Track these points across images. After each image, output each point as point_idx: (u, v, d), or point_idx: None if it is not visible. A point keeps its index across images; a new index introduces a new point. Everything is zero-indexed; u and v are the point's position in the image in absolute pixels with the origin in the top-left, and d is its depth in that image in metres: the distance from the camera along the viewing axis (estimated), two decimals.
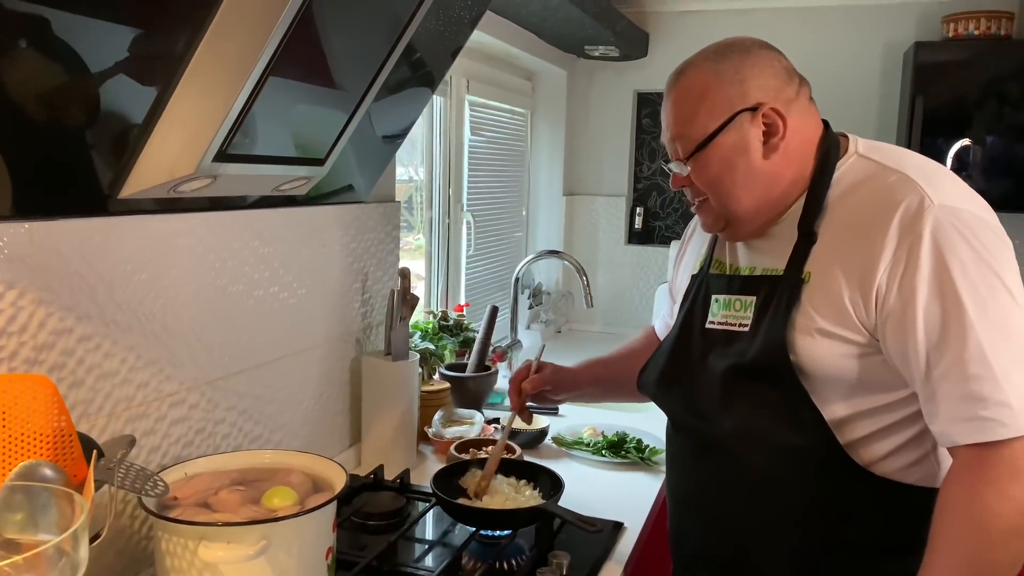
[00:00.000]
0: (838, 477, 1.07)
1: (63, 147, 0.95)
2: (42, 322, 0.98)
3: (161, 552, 1.02)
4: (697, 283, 1.25)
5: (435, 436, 1.79)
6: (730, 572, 1.18)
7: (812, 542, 1.10)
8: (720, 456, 1.15)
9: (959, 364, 0.95)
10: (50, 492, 0.78)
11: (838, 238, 1.06)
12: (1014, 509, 0.92)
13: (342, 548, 1.22)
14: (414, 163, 2.52)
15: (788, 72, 1.12)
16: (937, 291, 0.96)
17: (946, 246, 0.97)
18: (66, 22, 0.85)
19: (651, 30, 3.24)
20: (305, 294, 1.50)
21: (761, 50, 1.12)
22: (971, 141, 2.68)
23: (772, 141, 1.09)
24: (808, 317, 1.05)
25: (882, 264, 0.99)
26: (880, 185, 1.05)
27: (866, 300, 1.01)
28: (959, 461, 0.97)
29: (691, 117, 1.11)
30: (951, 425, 0.96)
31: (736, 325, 1.14)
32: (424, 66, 1.58)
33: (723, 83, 1.09)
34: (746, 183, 1.11)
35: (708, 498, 1.19)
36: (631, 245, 3.42)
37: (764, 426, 1.09)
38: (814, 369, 1.05)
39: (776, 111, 1.08)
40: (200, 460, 1.17)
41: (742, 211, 1.13)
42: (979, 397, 0.94)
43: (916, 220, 0.98)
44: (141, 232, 1.11)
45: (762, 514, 1.13)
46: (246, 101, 1.01)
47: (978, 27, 2.67)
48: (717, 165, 1.11)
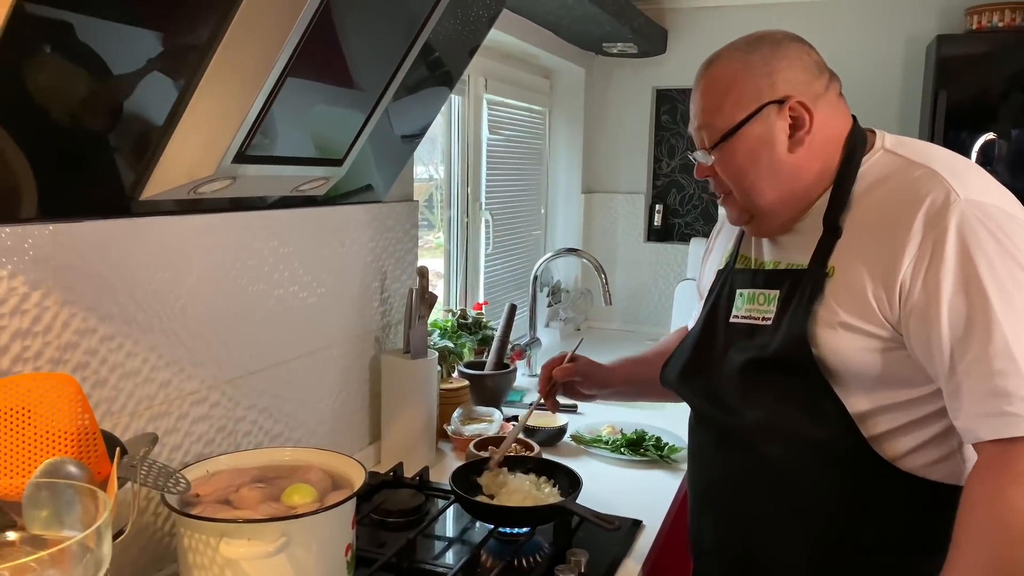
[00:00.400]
0: (861, 472, 1.06)
1: (86, 150, 0.96)
2: (66, 322, 0.99)
3: (183, 548, 1.03)
4: (722, 278, 1.26)
5: (454, 434, 1.80)
6: (748, 566, 1.18)
7: (832, 538, 1.10)
8: (741, 449, 1.15)
9: (984, 359, 0.94)
10: (75, 489, 0.79)
11: (863, 232, 1.05)
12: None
13: (361, 545, 1.23)
14: (434, 161, 2.53)
15: (818, 66, 1.12)
16: (962, 285, 0.96)
17: (972, 240, 0.96)
18: (88, 26, 0.86)
19: (669, 26, 3.22)
20: (324, 293, 1.52)
21: (792, 43, 1.12)
22: (996, 135, 2.64)
23: (798, 135, 1.09)
24: (831, 311, 1.04)
25: (907, 258, 0.98)
26: (906, 180, 1.04)
27: (890, 294, 1.00)
28: (983, 457, 0.96)
29: (718, 107, 1.11)
30: (975, 421, 0.95)
31: (759, 319, 1.14)
32: (442, 65, 1.59)
33: (752, 75, 1.09)
34: (770, 176, 1.11)
35: (728, 491, 1.19)
36: (650, 243, 3.40)
37: (786, 419, 1.09)
38: (836, 363, 1.04)
39: (803, 105, 1.08)
40: (221, 458, 1.18)
41: (766, 204, 1.13)
42: (1004, 392, 0.93)
43: (942, 214, 0.97)
44: (162, 233, 1.13)
45: (782, 508, 1.12)
46: (265, 102, 1.02)
47: (1002, 19, 2.63)
48: (742, 156, 1.11)
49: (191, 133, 1.02)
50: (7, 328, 0.92)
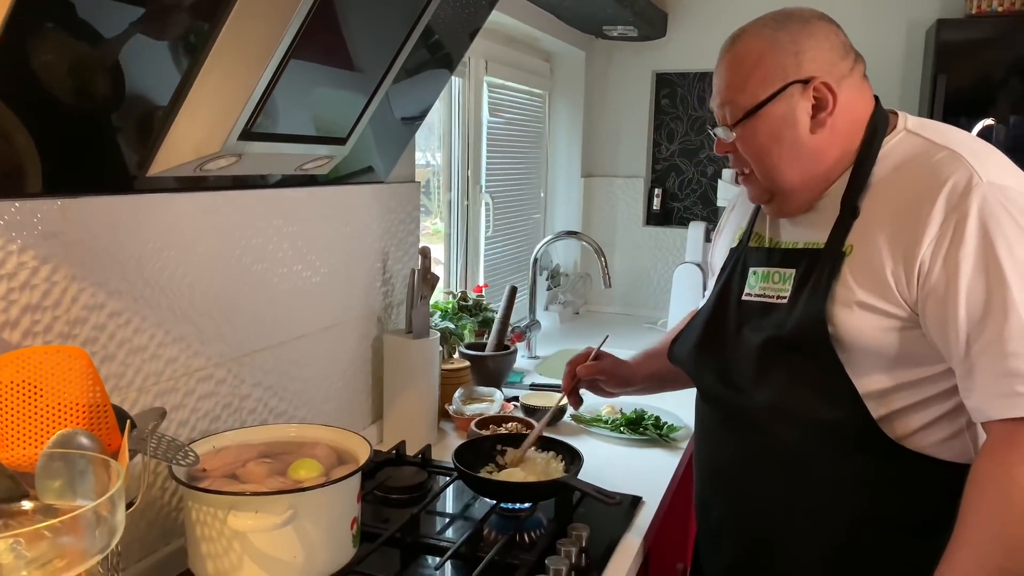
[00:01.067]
0: (870, 452, 1.07)
1: (93, 127, 0.97)
2: (75, 297, 1.00)
3: (191, 521, 1.05)
4: (735, 256, 1.26)
5: (456, 413, 1.82)
6: (757, 546, 1.19)
7: (842, 517, 1.10)
8: (752, 429, 1.15)
9: (999, 340, 0.95)
10: (88, 459, 0.81)
11: (882, 212, 1.05)
12: None
13: (366, 521, 1.25)
14: (431, 148, 2.54)
15: (844, 47, 1.11)
16: (982, 267, 0.96)
17: (992, 223, 0.96)
18: (93, 5, 0.87)
19: (670, 10, 3.22)
20: (328, 273, 1.53)
21: (820, 22, 1.12)
22: (995, 120, 2.65)
23: (820, 116, 1.09)
24: (848, 289, 1.05)
25: (927, 239, 0.99)
26: (928, 162, 1.04)
27: (908, 274, 1.01)
28: (992, 436, 0.97)
29: (743, 84, 1.11)
30: (987, 400, 0.97)
31: (774, 297, 1.14)
32: (442, 48, 1.59)
33: (778, 52, 1.09)
34: (791, 156, 1.10)
35: (737, 471, 1.20)
36: (649, 226, 3.41)
37: (798, 399, 1.09)
38: (852, 341, 1.05)
39: (827, 86, 1.08)
40: (227, 433, 1.20)
41: (786, 184, 1.13)
42: (1017, 373, 0.94)
43: (964, 197, 0.98)
44: (169, 210, 1.14)
45: (791, 489, 1.13)
46: (269, 82, 1.03)
47: (1002, 3, 2.63)
48: (764, 135, 1.11)
49: (197, 111, 1.02)
50: (17, 302, 0.93)
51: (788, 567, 1.15)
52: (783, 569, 1.16)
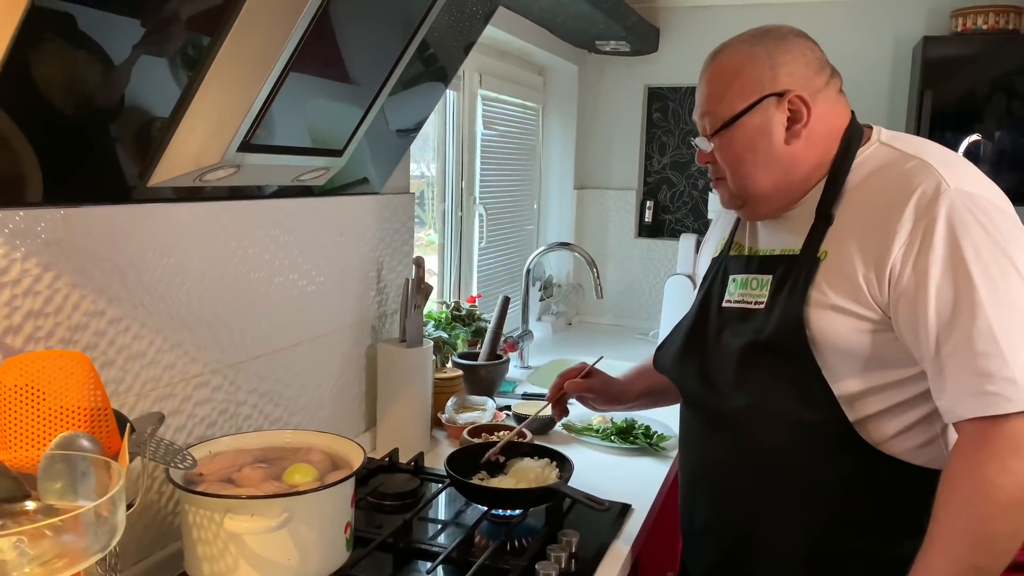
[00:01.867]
0: (847, 455, 1.09)
1: (93, 139, 0.99)
2: (76, 304, 1.03)
3: (188, 524, 1.07)
4: (716, 265, 1.30)
5: (448, 422, 1.84)
6: (737, 547, 1.21)
7: (819, 519, 1.13)
8: (732, 431, 1.18)
9: (968, 341, 0.98)
10: (89, 461, 0.83)
11: (855, 219, 1.09)
12: (1015, 483, 0.95)
13: (359, 527, 1.26)
14: (426, 159, 2.57)
15: (820, 62, 1.17)
16: (950, 270, 1.00)
17: (960, 228, 1.00)
18: (95, 19, 0.89)
19: (662, 25, 3.26)
20: (323, 282, 1.55)
21: (796, 38, 1.17)
22: (980, 136, 2.70)
23: (795, 127, 1.14)
24: (822, 293, 1.08)
25: (897, 244, 1.03)
26: (899, 170, 1.08)
27: (880, 278, 1.04)
28: (963, 436, 1.00)
29: (721, 96, 1.16)
30: (957, 400, 0.99)
31: (752, 303, 1.18)
32: (437, 61, 1.62)
33: (755, 66, 1.14)
34: (766, 165, 1.15)
35: (719, 473, 1.23)
36: (641, 238, 3.45)
37: (776, 402, 1.12)
38: (827, 344, 1.08)
39: (802, 99, 1.13)
40: (224, 439, 1.22)
41: (759, 191, 1.17)
42: (986, 372, 0.97)
43: (932, 203, 1.02)
44: (168, 219, 1.16)
45: (771, 490, 1.16)
46: (268, 95, 1.05)
47: (986, 21, 2.68)
48: (740, 145, 1.15)
49: (198, 123, 1.05)
50: (21, 308, 0.96)
51: (767, 567, 1.18)
52: (762, 569, 1.19)
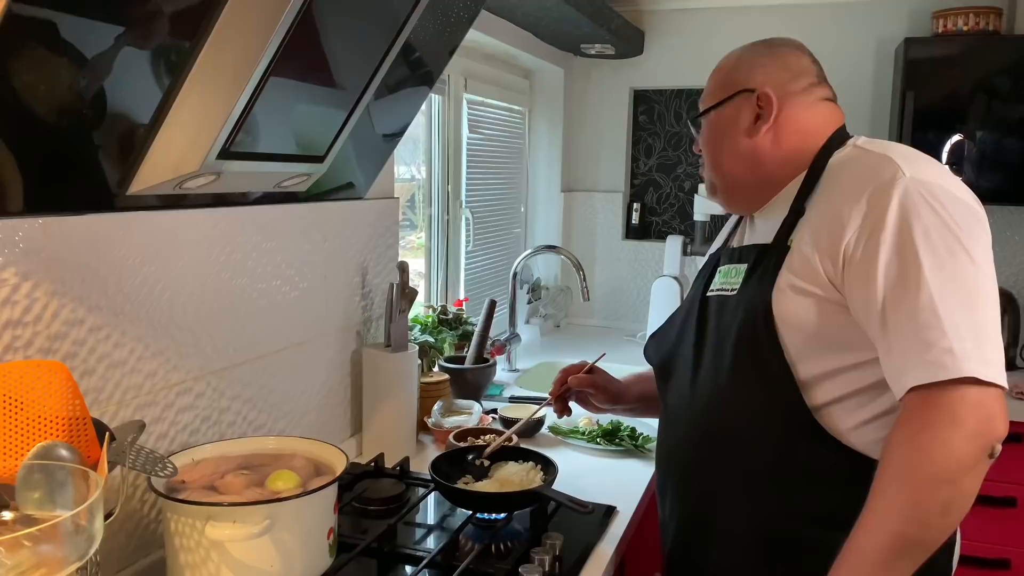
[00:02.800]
0: (807, 442, 1.12)
1: (73, 147, 0.99)
2: (55, 313, 1.02)
3: (170, 532, 1.07)
4: (712, 260, 1.35)
5: (434, 426, 1.84)
6: (696, 529, 1.24)
7: (775, 506, 1.15)
8: (698, 417, 1.22)
9: (911, 314, 1.00)
10: (67, 470, 0.83)
11: (821, 210, 1.14)
12: (946, 454, 0.95)
13: (344, 532, 1.26)
14: (416, 162, 2.57)
15: (803, 70, 1.25)
16: (897, 249, 1.03)
17: (911, 210, 1.04)
18: (74, 25, 0.89)
19: (646, 28, 3.27)
20: (307, 287, 1.55)
21: (786, 47, 1.27)
22: (963, 136, 2.72)
23: (758, 123, 1.22)
24: (786, 278, 1.13)
25: (851, 226, 1.07)
26: (861, 164, 1.14)
27: (835, 259, 1.08)
28: (905, 407, 1.01)
29: (709, 88, 1.30)
30: (901, 371, 1.01)
31: (729, 290, 1.23)
32: (422, 65, 1.63)
33: (739, 67, 1.26)
34: (732, 154, 1.26)
35: (683, 457, 1.26)
36: (628, 240, 3.45)
37: (739, 388, 1.16)
38: (787, 324, 1.12)
39: (770, 97, 1.21)
40: (206, 446, 1.22)
41: (727, 179, 1.29)
42: (926, 342, 0.99)
43: (887, 188, 1.06)
44: (148, 227, 1.16)
45: (731, 473, 1.19)
46: (248, 100, 1.05)
47: (967, 23, 2.70)
48: (714, 132, 1.28)
49: (177, 130, 1.05)
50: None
51: (721, 552, 1.20)
52: (716, 554, 1.21)
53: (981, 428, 0.96)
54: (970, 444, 0.96)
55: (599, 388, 1.54)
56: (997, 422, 0.97)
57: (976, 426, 0.96)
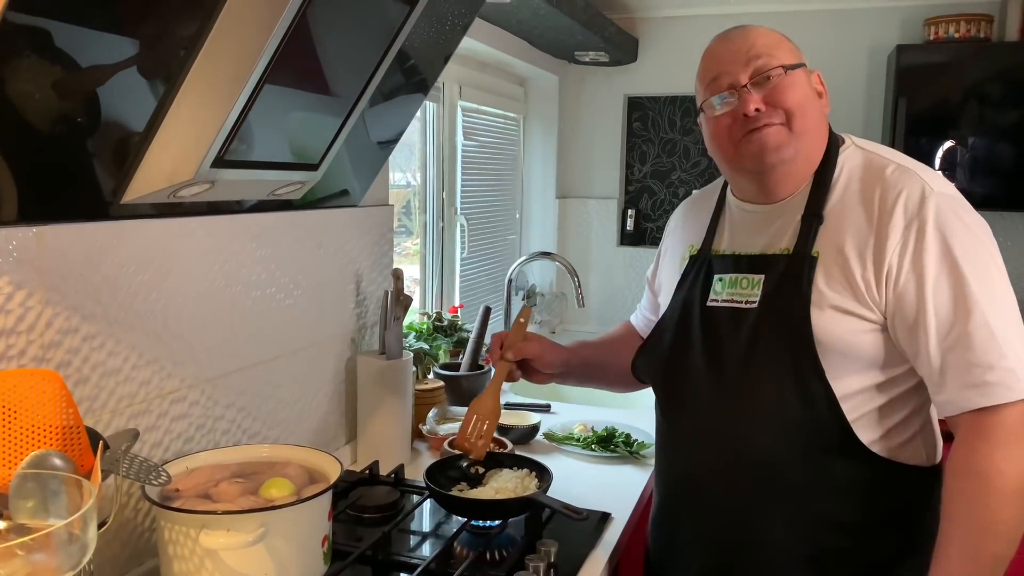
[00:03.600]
0: (840, 454, 1.12)
1: (68, 155, 0.99)
2: (49, 321, 1.02)
3: (164, 541, 1.06)
4: (696, 265, 1.29)
5: (429, 433, 1.84)
6: (730, 553, 1.21)
7: (813, 521, 1.14)
8: (723, 437, 1.18)
9: (966, 335, 1.02)
10: (60, 479, 0.83)
11: (844, 220, 1.13)
12: (1018, 470, 0.99)
13: (338, 540, 1.26)
14: (412, 169, 2.57)
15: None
16: (945, 268, 1.05)
17: (948, 229, 1.05)
18: (70, 34, 0.90)
19: (640, 35, 3.29)
20: (301, 295, 1.55)
21: None
22: (955, 142, 2.73)
23: (822, 100, 1.21)
24: (820, 294, 1.11)
25: (891, 245, 1.07)
26: (881, 174, 1.13)
27: (878, 279, 1.08)
28: (965, 427, 1.03)
29: (778, 46, 1.19)
30: (957, 393, 1.03)
31: (743, 303, 1.18)
32: (417, 72, 1.63)
33: (789, 41, 1.22)
34: (817, 118, 1.19)
35: (709, 480, 1.22)
36: (623, 247, 3.47)
37: (773, 403, 1.13)
38: (830, 344, 1.10)
39: (821, 80, 1.23)
40: (200, 454, 1.21)
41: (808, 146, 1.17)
42: (986, 364, 1.01)
43: (921, 205, 1.07)
44: (143, 235, 1.16)
45: (764, 493, 1.16)
46: (243, 108, 1.05)
47: (958, 30, 2.72)
48: (804, 88, 1.18)
49: (171, 139, 1.05)
50: None
51: (761, 572, 1.19)
52: (756, 574, 1.19)
53: None
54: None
55: (538, 357, 1.46)
56: None
57: None
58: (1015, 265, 2.89)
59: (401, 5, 1.22)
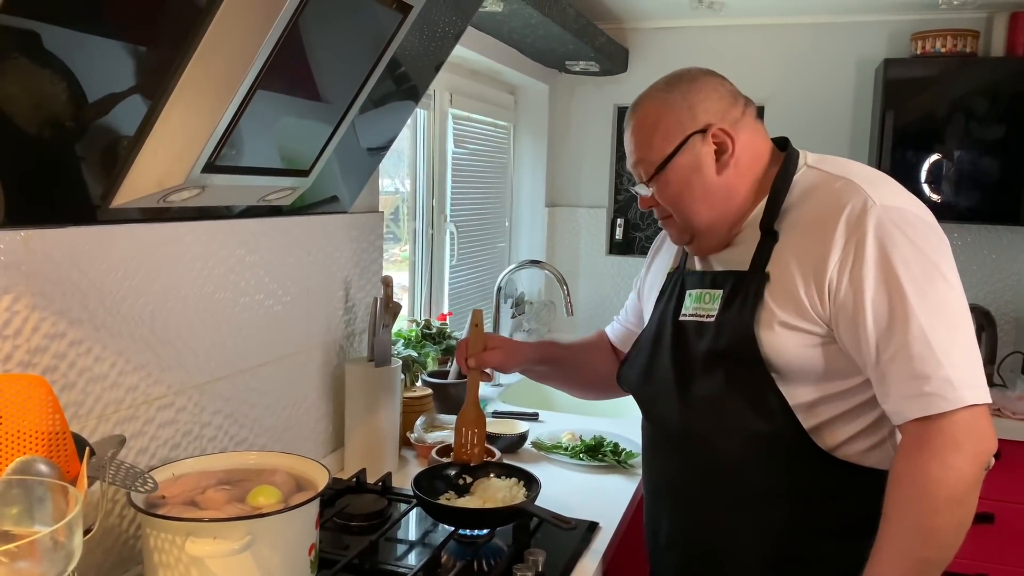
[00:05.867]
0: (802, 462, 1.14)
1: (56, 159, 0.99)
2: (35, 326, 1.01)
3: (149, 548, 1.05)
4: (673, 280, 1.33)
5: (417, 441, 1.83)
6: (702, 558, 1.24)
7: (779, 526, 1.17)
8: (690, 444, 1.22)
9: (904, 346, 1.04)
10: (46, 486, 0.82)
11: (793, 238, 1.15)
12: (955, 478, 1.01)
13: (325, 548, 1.26)
14: (400, 175, 2.57)
15: (732, 95, 1.22)
16: (883, 281, 1.05)
17: (888, 240, 1.06)
18: (60, 37, 0.89)
19: (630, 46, 3.31)
20: (290, 301, 1.54)
21: (706, 77, 1.23)
22: (941, 155, 2.76)
23: (723, 158, 1.19)
24: (769, 311, 1.13)
25: (832, 259, 1.08)
26: (829, 190, 1.14)
27: (820, 293, 1.09)
28: (907, 437, 1.06)
29: (648, 143, 1.22)
30: (900, 403, 1.05)
31: (704, 316, 1.22)
32: (408, 80, 1.63)
33: (673, 110, 1.20)
34: (704, 198, 1.20)
35: (679, 486, 1.26)
36: (612, 255, 3.47)
37: (734, 413, 1.16)
38: (777, 359, 1.13)
39: (724, 131, 1.18)
40: (187, 461, 1.20)
41: (703, 224, 1.22)
42: (923, 375, 1.02)
43: (861, 218, 1.08)
44: (131, 240, 1.15)
45: (731, 500, 1.19)
46: (235, 114, 1.05)
47: (945, 45, 2.75)
48: (676, 184, 1.21)
49: (162, 143, 1.05)
50: None
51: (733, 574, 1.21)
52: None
53: (979, 447, 1.02)
54: (972, 464, 1.01)
55: (499, 366, 1.50)
56: (990, 438, 1.03)
57: (974, 446, 1.01)
58: (1000, 278, 2.92)
59: (394, 14, 1.22)
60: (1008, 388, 2.71)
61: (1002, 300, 2.93)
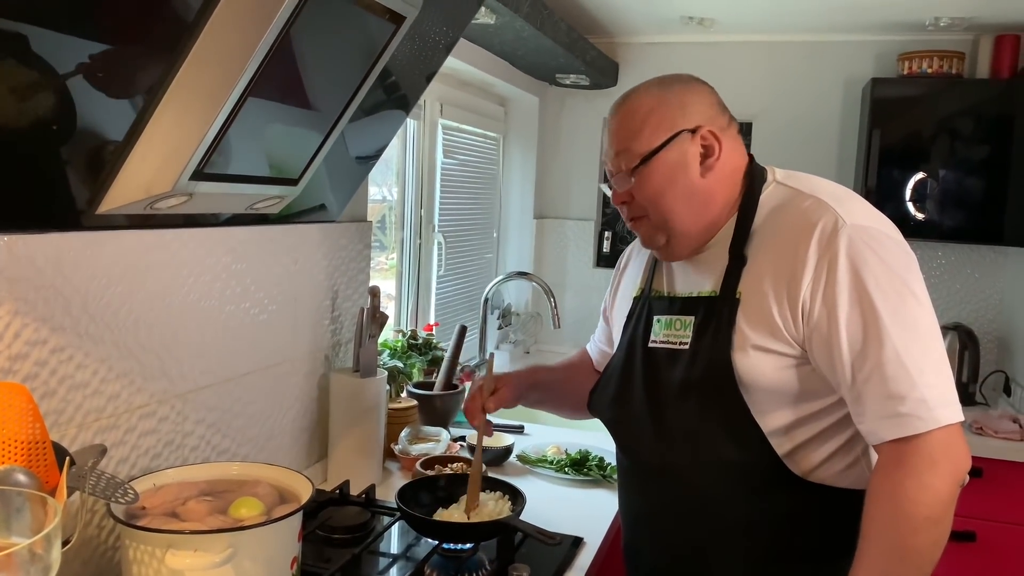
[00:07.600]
0: (778, 489, 1.13)
1: (43, 163, 0.98)
2: (17, 332, 1.00)
3: (128, 561, 1.04)
4: (639, 306, 1.31)
5: (401, 453, 1.82)
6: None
7: (758, 551, 1.16)
8: (666, 478, 1.21)
9: (879, 367, 1.04)
10: (24, 496, 0.80)
11: (764, 259, 1.14)
12: (932, 498, 1.01)
13: (307, 561, 1.24)
14: (388, 183, 2.56)
15: (721, 105, 1.23)
16: (856, 302, 1.05)
17: (859, 260, 1.06)
18: (48, 40, 0.88)
19: (621, 60, 3.32)
20: (276, 310, 1.53)
21: (698, 83, 1.23)
22: (926, 174, 2.78)
23: (709, 161, 1.18)
24: (743, 335, 1.12)
25: (804, 280, 1.08)
26: (798, 209, 1.14)
27: (793, 314, 1.09)
28: (883, 456, 1.06)
29: (636, 133, 1.18)
30: (876, 423, 1.05)
31: (677, 343, 1.21)
32: (399, 89, 1.63)
33: (666, 105, 1.19)
34: (685, 198, 1.18)
35: (657, 516, 1.25)
36: (599, 268, 3.48)
37: (707, 444, 1.15)
38: (754, 383, 1.12)
39: (713, 134, 1.18)
40: (168, 471, 1.19)
41: (680, 226, 1.19)
42: (898, 395, 1.02)
43: (832, 239, 1.07)
44: (116, 247, 1.14)
45: (709, 530, 1.19)
46: (224, 121, 1.04)
47: (931, 65, 2.78)
48: (659, 178, 1.18)
49: (150, 150, 1.04)
50: None
51: None
52: None
53: (955, 466, 1.02)
54: (948, 483, 1.01)
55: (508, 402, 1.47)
56: (964, 456, 1.03)
57: (951, 465, 1.02)
58: (982, 297, 2.94)
59: (387, 25, 1.21)
60: (991, 407, 2.73)
61: (985, 319, 2.95)
